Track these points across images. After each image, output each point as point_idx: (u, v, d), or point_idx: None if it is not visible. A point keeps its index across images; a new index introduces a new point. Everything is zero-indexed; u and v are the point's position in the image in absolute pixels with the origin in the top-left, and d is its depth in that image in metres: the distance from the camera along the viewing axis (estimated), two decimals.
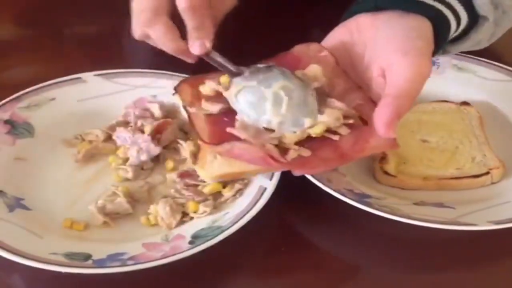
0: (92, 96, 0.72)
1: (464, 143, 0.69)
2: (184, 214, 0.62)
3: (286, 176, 0.61)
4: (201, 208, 0.61)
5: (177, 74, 0.73)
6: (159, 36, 0.62)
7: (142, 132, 0.67)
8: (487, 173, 0.66)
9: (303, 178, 0.62)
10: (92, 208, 0.62)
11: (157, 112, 0.70)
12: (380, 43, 0.58)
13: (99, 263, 0.56)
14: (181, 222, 0.61)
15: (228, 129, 0.56)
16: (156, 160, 0.67)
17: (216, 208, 0.62)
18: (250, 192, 0.62)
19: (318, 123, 0.56)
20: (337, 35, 0.62)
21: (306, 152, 0.55)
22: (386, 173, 0.66)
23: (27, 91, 0.71)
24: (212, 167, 0.56)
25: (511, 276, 0.61)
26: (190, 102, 0.58)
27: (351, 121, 0.56)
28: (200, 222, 0.61)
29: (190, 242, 0.58)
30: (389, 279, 0.60)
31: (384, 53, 0.57)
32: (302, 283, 0.60)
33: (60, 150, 0.68)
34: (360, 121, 0.58)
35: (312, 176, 0.62)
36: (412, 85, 0.55)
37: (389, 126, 0.54)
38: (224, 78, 0.59)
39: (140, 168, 0.66)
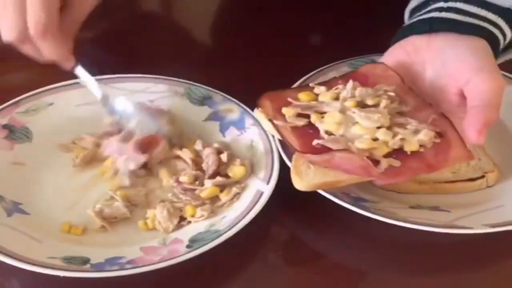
0: (90, 101, 0.72)
1: None
2: (182, 218, 0.62)
3: (282, 181, 0.62)
4: (199, 212, 0.61)
5: (174, 79, 0.74)
6: (49, 49, 0.62)
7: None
8: (482, 176, 0.66)
9: None
10: (90, 212, 0.62)
11: None
12: (451, 64, 0.62)
13: (97, 267, 0.56)
14: (178, 226, 0.61)
15: (321, 141, 0.59)
16: (150, 173, 0.67)
17: (213, 212, 0.62)
18: (247, 196, 0.62)
19: (414, 141, 0.59)
20: (394, 56, 0.66)
21: (396, 163, 0.58)
22: None
23: (26, 96, 0.71)
24: (307, 177, 0.58)
25: (507, 279, 0.61)
26: (273, 116, 0.62)
27: (438, 141, 0.59)
28: (197, 226, 0.61)
29: (188, 246, 0.58)
30: (384, 282, 0.61)
31: (459, 72, 0.61)
32: (299, 286, 0.60)
33: (58, 155, 0.69)
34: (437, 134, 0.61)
35: None
36: (494, 95, 0.59)
37: (480, 133, 0.57)
38: (303, 95, 0.63)
39: (135, 176, 0.66)
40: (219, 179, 0.64)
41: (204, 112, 0.72)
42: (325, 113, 0.61)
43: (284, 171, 0.62)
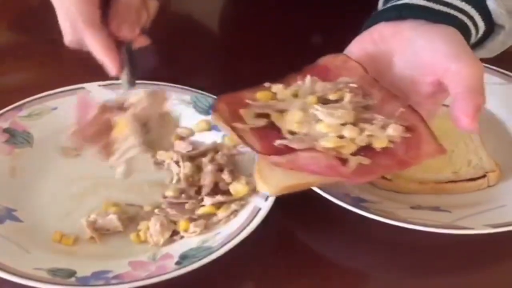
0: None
1: (460, 147, 0.70)
2: (175, 232, 0.60)
3: None
4: (192, 227, 0.60)
5: (181, 86, 0.72)
6: (92, 45, 0.62)
7: None
8: (484, 176, 0.66)
9: None
10: (83, 221, 0.61)
11: None
12: (424, 53, 0.59)
13: (82, 281, 0.55)
14: (170, 241, 0.60)
15: (284, 142, 0.55)
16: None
17: (207, 228, 0.60)
18: (244, 213, 0.60)
19: (383, 137, 0.55)
20: (360, 45, 0.62)
21: (366, 161, 0.54)
22: (382, 177, 0.66)
23: (29, 99, 0.70)
24: (273, 179, 0.54)
25: (508, 279, 0.61)
26: (230, 119, 0.57)
27: (408, 135, 0.56)
28: (190, 241, 0.59)
29: (177, 263, 0.56)
30: (386, 282, 0.61)
31: (435, 61, 0.58)
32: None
33: (58, 161, 0.68)
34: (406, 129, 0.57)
35: None
36: (478, 80, 0.57)
37: (473, 119, 0.55)
38: (261, 94, 0.59)
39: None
40: (219, 198, 0.62)
41: (209, 121, 0.70)
42: (285, 111, 0.57)
43: None
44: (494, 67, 0.77)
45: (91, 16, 0.61)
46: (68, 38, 0.63)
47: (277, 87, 0.59)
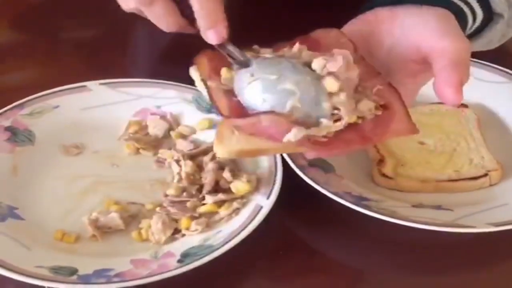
0: (96, 105, 0.71)
1: (462, 145, 0.70)
2: (176, 231, 0.60)
3: (284, 180, 0.61)
4: (193, 226, 0.59)
5: (183, 85, 0.72)
6: (159, 16, 0.59)
7: None
8: (485, 175, 0.66)
9: (301, 181, 0.62)
10: (85, 220, 0.60)
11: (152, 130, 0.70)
12: (412, 31, 0.59)
13: (84, 279, 0.55)
14: (172, 239, 0.60)
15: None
16: None
17: (209, 226, 0.60)
18: (246, 211, 0.60)
19: (351, 112, 0.54)
20: (355, 26, 0.63)
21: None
22: (384, 175, 0.66)
23: (31, 98, 0.70)
24: (230, 142, 0.53)
25: (510, 278, 0.61)
26: (208, 75, 0.56)
27: (379, 113, 0.55)
28: (191, 239, 0.59)
29: (179, 261, 0.56)
30: (388, 281, 0.60)
31: (422, 39, 0.58)
32: (300, 286, 0.59)
33: (59, 159, 0.68)
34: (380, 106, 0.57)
35: (310, 179, 0.62)
36: (462, 56, 0.56)
37: (457, 91, 0.55)
38: (225, 72, 0.57)
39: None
40: (220, 196, 0.62)
41: (211, 120, 0.70)
42: None
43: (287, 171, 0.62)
44: (497, 66, 0.77)
45: None
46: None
47: (264, 50, 0.59)
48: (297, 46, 0.58)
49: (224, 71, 0.57)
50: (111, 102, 0.72)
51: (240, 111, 0.54)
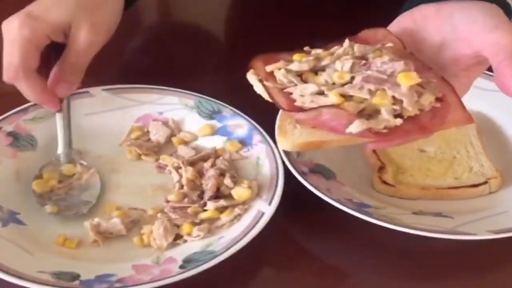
0: (98, 110, 0.72)
1: (462, 153, 0.70)
2: (178, 236, 0.60)
3: (285, 186, 0.62)
4: (195, 231, 0.60)
5: (185, 91, 0.73)
6: (24, 92, 0.65)
7: None
8: (485, 182, 0.66)
9: (302, 187, 0.62)
10: (86, 225, 0.61)
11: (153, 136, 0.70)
12: (462, 27, 0.60)
13: (86, 285, 0.55)
14: (174, 244, 0.60)
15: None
16: None
17: (210, 232, 0.60)
18: (248, 217, 0.60)
19: (414, 105, 0.55)
20: (400, 23, 0.64)
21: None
22: (384, 182, 0.66)
23: (33, 103, 0.70)
24: (293, 136, 0.55)
25: (510, 285, 0.61)
26: (264, 77, 0.58)
27: (437, 105, 0.56)
28: (193, 245, 0.59)
29: (181, 267, 0.56)
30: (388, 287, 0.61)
31: (473, 34, 0.59)
32: None
33: None
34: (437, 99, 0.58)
35: (311, 185, 0.62)
36: None
37: None
38: (298, 56, 0.59)
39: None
40: (222, 202, 0.62)
41: (213, 126, 0.70)
42: (319, 72, 0.57)
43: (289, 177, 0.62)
44: None
45: (30, 63, 0.63)
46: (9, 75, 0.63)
47: (315, 51, 0.60)
48: (347, 42, 0.60)
49: (297, 57, 0.59)
50: (113, 108, 0.72)
51: (298, 107, 0.55)
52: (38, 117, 0.70)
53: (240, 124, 0.70)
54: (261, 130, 0.68)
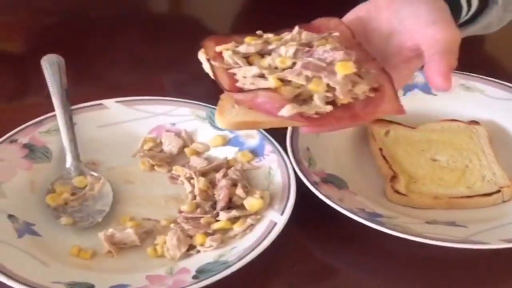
0: (112, 122, 0.72)
1: (474, 162, 0.70)
2: (191, 247, 0.61)
3: (297, 196, 0.62)
4: (208, 242, 0.60)
5: (197, 102, 0.73)
6: None
7: None
8: (498, 191, 0.66)
9: (314, 197, 0.62)
10: (100, 235, 0.61)
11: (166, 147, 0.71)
12: (407, 20, 0.61)
13: None
14: (187, 255, 0.60)
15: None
16: None
17: (223, 242, 0.61)
18: (260, 227, 0.61)
19: (347, 94, 0.56)
20: (357, 12, 0.65)
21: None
22: (396, 192, 0.67)
23: (48, 115, 0.71)
24: (230, 115, 0.57)
25: None
26: (213, 57, 0.60)
27: (372, 95, 0.57)
28: (206, 256, 0.60)
29: (194, 277, 0.57)
30: None
31: (414, 27, 0.61)
32: None
33: None
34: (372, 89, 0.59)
35: (324, 195, 0.63)
36: (451, 44, 0.59)
37: (445, 78, 0.57)
38: (249, 39, 0.61)
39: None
40: (234, 213, 0.62)
41: (224, 137, 0.71)
42: (264, 55, 0.59)
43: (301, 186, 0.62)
44: (507, 83, 0.78)
45: None
46: None
47: (266, 35, 0.62)
48: (296, 28, 0.61)
49: (249, 39, 0.61)
50: (127, 119, 0.73)
51: (239, 88, 0.57)
52: (53, 129, 0.71)
53: (251, 134, 0.70)
54: (273, 140, 0.68)
